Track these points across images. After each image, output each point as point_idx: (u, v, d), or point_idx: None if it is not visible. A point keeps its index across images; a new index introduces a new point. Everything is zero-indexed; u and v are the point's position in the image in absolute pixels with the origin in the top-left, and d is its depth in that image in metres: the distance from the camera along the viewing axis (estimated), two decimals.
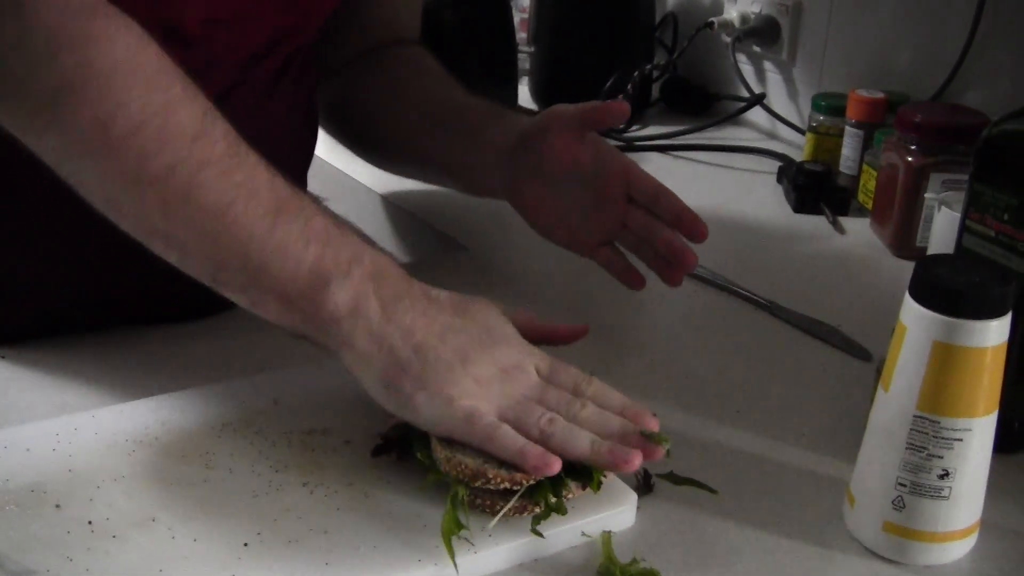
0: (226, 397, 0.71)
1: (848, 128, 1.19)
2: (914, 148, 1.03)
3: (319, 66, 0.92)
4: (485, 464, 0.59)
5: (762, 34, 1.41)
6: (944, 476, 0.59)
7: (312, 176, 0.96)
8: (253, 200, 0.62)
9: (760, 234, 1.11)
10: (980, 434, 0.59)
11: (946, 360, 0.57)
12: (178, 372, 0.76)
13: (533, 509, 0.60)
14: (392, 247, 1.10)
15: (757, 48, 1.43)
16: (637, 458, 0.60)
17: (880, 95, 1.17)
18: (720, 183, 1.25)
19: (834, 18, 1.31)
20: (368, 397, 0.64)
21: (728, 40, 1.43)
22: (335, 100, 0.99)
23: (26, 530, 0.58)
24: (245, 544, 0.58)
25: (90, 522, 0.59)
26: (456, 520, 0.58)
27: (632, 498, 0.64)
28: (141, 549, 0.57)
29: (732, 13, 1.44)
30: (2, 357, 0.77)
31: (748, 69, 1.45)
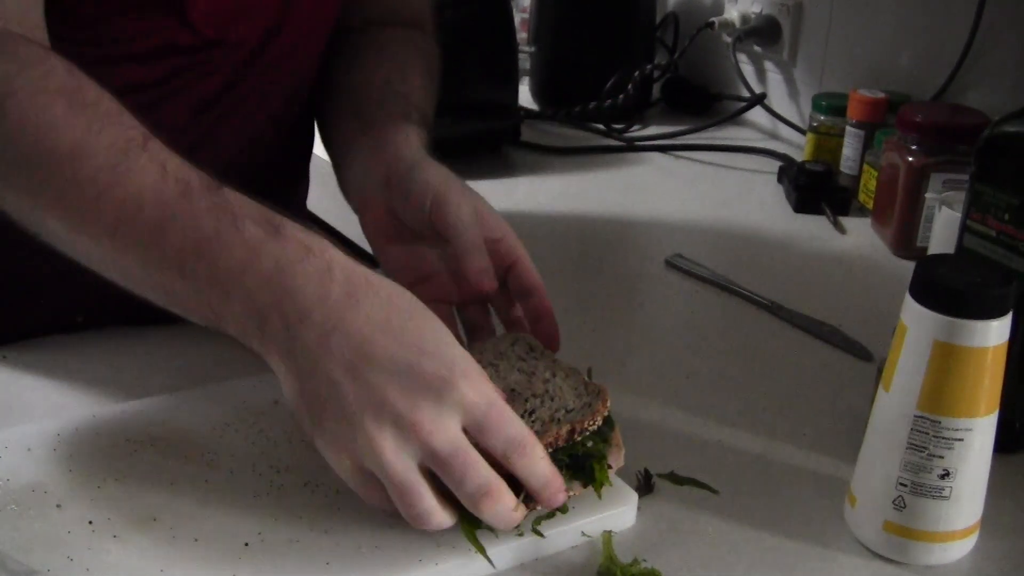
0: (227, 397, 0.71)
1: (849, 128, 1.19)
2: (915, 148, 1.03)
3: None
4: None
5: (763, 34, 1.41)
6: (945, 476, 0.59)
7: (312, 176, 0.96)
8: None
9: (761, 234, 1.11)
10: (981, 434, 0.59)
11: (947, 360, 0.57)
12: (179, 372, 0.76)
13: (534, 507, 0.59)
14: None
15: (758, 48, 1.43)
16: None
17: (881, 95, 1.17)
18: (721, 183, 1.25)
19: (835, 18, 1.32)
20: None
21: (729, 40, 1.43)
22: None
23: (27, 530, 0.58)
24: (246, 544, 0.58)
25: (91, 522, 0.59)
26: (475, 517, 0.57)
27: (633, 498, 0.64)
28: (142, 549, 0.57)
29: (733, 13, 1.44)
30: (3, 357, 0.77)
31: (749, 69, 1.45)
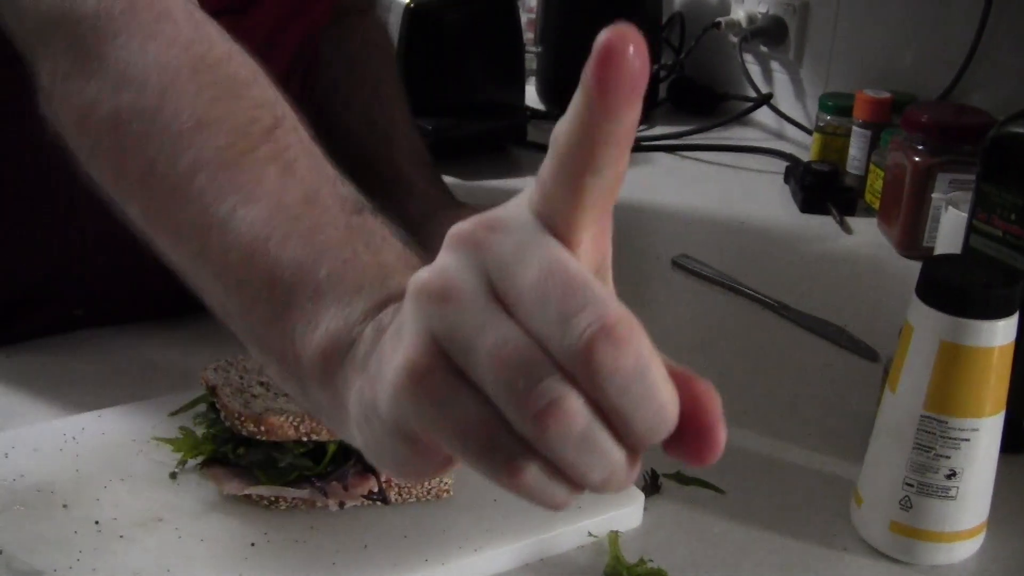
0: None
1: (855, 128, 1.18)
2: (921, 148, 1.02)
3: None
4: None
5: (769, 34, 1.40)
6: (951, 476, 0.59)
7: None
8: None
9: (767, 234, 1.11)
10: (987, 434, 0.58)
11: (953, 360, 0.57)
12: (184, 372, 0.76)
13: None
14: None
15: (764, 48, 1.43)
16: None
17: (887, 95, 1.16)
18: (727, 183, 1.25)
19: (841, 18, 1.31)
20: None
21: (735, 40, 1.43)
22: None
23: (33, 530, 0.58)
24: (252, 544, 0.58)
25: (97, 522, 0.59)
26: None
27: (639, 498, 0.64)
28: (148, 549, 0.57)
29: (739, 13, 1.44)
30: (7, 357, 0.78)
31: (755, 69, 1.45)
